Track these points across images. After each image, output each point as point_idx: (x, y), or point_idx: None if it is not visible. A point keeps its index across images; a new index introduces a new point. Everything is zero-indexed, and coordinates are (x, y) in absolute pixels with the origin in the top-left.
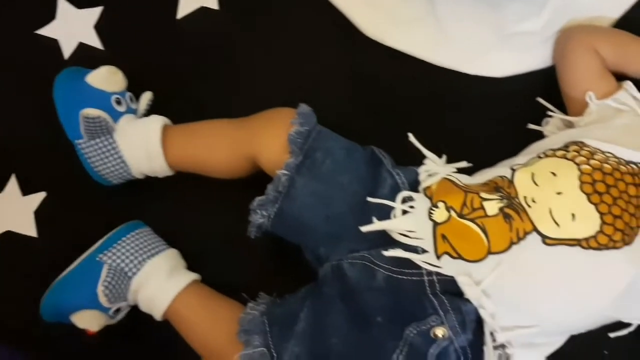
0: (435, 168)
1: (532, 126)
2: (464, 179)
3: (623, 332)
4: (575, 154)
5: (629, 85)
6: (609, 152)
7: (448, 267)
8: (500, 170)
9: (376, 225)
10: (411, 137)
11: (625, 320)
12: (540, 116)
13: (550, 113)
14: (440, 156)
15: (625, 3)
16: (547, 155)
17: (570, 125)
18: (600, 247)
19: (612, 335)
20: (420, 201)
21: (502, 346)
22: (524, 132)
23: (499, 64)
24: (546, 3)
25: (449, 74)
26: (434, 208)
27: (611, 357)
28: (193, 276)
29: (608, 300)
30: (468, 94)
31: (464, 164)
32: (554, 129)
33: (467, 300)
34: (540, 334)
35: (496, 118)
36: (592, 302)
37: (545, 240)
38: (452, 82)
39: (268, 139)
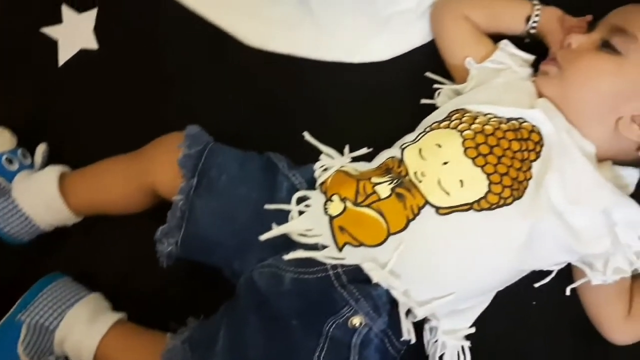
0: (329, 162)
1: (424, 101)
2: (362, 167)
3: (546, 280)
4: (457, 122)
5: (504, 43)
6: (490, 114)
7: (351, 256)
8: (392, 151)
9: (274, 231)
10: (307, 136)
11: (536, 269)
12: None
13: (437, 86)
14: (342, 148)
15: None
16: (432, 129)
17: (459, 93)
18: (492, 207)
19: (536, 285)
20: (316, 198)
21: (428, 320)
22: (419, 109)
23: (382, 47)
24: None
25: (334, 68)
26: (328, 202)
27: (539, 306)
28: (116, 317)
29: (512, 255)
30: (355, 83)
31: (363, 151)
32: (446, 100)
33: (377, 285)
34: (459, 300)
35: (392, 99)
36: (496, 260)
37: (439, 210)
38: (339, 75)
39: (160, 168)
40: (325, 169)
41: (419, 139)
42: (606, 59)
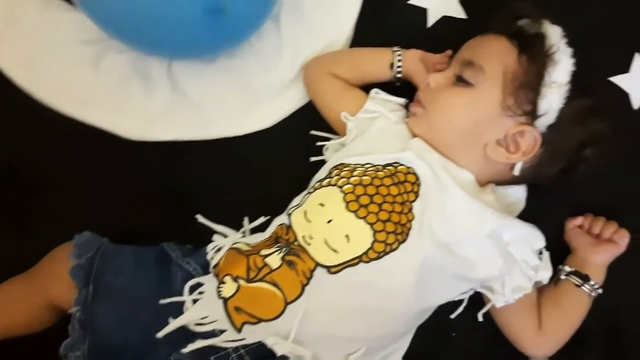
0: (221, 241)
1: (313, 159)
2: (255, 239)
3: (459, 310)
4: (337, 177)
5: (374, 92)
6: (367, 164)
7: (252, 335)
8: (281, 217)
9: (170, 326)
10: (200, 218)
11: (442, 302)
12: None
13: (320, 143)
14: (241, 221)
15: (348, 23)
16: (315, 189)
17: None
18: (380, 255)
19: (452, 316)
20: (209, 283)
21: None
22: (312, 168)
23: (264, 116)
24: (281, 53)
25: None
26: (221, 285)
27: (459, 335)
28: None
29: (408, 297)
30: (244, 154)
31: (260, 220)
32: (333, 154)
33: (284, 356)
34: (373, 352)
35: (283, 163)
36: (394, 306)
37: (330, 270)
38: (227, 150)
39: (54, 282)
40: (218, 250)
41: (304, 202)
42: (461, 92)
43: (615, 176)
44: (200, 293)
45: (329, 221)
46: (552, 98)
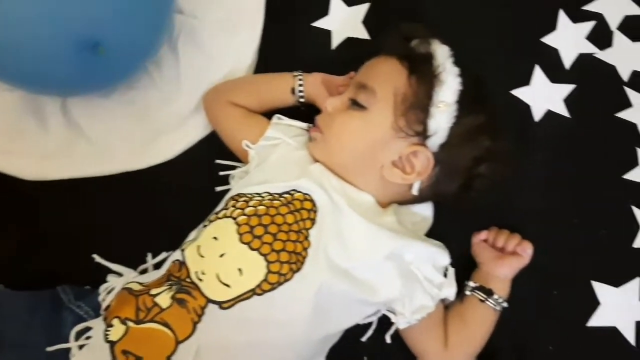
0: (114, 281)
1: (219, 188)
2: (150, 277)
3: (369, 333)
4: (233, 208)
5: (276, 118)
6: (264, 192)
7: None
8: (176, 253)
9: None
10: (96, 258)
11: (345, 328)
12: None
13: (223, 173)
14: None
15: (249, 48)
16: (211, 221)
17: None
18: (274, 287)
19: (363, 339)
20: (97, 327)
21: None
22: (217, 198)
23: (166, 148)
24: (180, 83)
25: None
26: (109, 328)
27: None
28: None
29: (306, 325)
30: (149, 188)
31: (162, 256)
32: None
33: None
34: None
35: (188, 194)
36: (292, 336)
37: (222, 305)
38: (127, 185)
39: None
40: (110, 291)
41: (199, 236)
42: (355, 116)
43: (520, 188)
44: (88, 338)
45: (222, 255)
46: (440, 117)
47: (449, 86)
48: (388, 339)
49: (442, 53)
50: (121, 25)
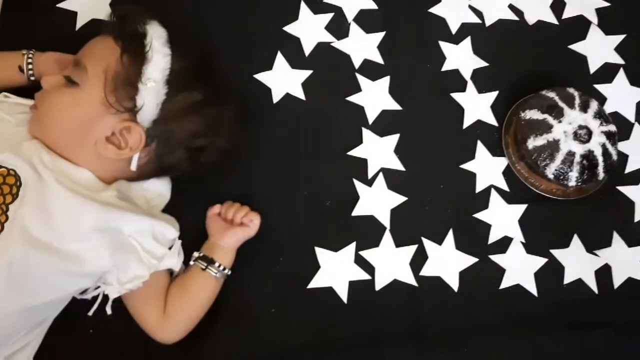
0: None
1: None
2: None
3: (94, 307)
4: None
5: (1, 96)
6: None
7: None
8: None
9: None
10: None
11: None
12: None
13: None
14: None
15: None
16: None
17: None
18: None
19: (89, 313)
20: None
21: None
22: None
23: None
24: None
25: None
26: None
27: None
28: None
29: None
30: None
31: None
32: None
33: None
34: None
35: None
36: None
37: None
38: None
39: None
40: None
41: None
42: (67, 93)
43: (256, 164)
44: None
45: None
46: (148, 94)
47: (157, 64)
48: (109, 311)
49: (154, 34)
50: None
